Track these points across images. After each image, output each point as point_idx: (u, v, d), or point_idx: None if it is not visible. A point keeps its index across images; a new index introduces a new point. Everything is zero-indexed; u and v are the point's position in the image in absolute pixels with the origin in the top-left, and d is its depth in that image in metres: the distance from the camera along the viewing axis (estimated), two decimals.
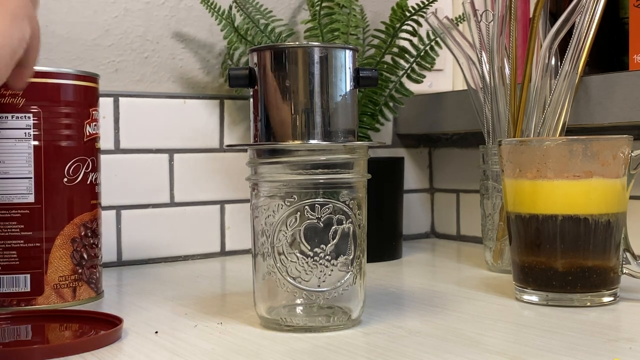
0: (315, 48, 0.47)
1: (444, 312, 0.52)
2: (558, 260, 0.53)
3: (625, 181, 0.54)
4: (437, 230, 0.97)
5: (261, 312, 0.48)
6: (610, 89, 0.67)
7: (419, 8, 0.75)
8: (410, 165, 0.95)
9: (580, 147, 0.52)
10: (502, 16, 0.67)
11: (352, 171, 0.48)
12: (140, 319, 0.52)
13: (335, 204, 0.47)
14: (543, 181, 0.53)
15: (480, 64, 0.69)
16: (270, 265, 0.47)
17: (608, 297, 0.54)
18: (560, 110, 0.65)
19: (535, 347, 0.43)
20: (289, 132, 0.46)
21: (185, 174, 0.80)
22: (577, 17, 0.63)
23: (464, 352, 0.42)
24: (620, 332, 0.47)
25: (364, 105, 0.80)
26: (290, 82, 0.46)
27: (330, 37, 0.79)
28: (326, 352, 0.42)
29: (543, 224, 0.54)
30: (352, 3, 0.81)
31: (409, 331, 0.47)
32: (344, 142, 0.47)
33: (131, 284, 0.66)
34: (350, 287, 0.47)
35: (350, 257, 0.47)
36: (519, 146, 0.55)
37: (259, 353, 0.43)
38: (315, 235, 0.46)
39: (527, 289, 0.55)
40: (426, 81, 0.84)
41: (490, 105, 0.69)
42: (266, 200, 0.47)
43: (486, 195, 0.71)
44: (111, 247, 0.75)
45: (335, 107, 0.47)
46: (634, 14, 0.68)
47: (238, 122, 0.83)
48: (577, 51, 0.64)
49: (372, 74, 0.48)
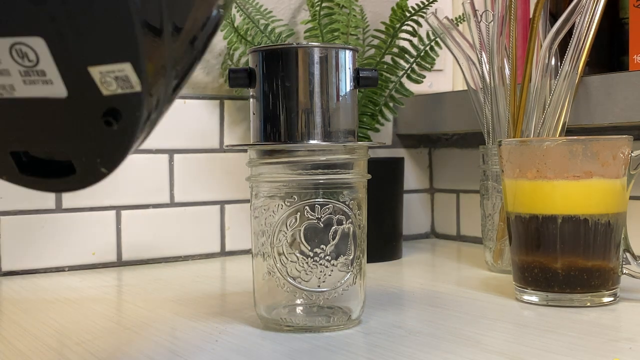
0: (315, 48, 0.47)
1: (444, 312, 0.52)
2: (558, 261, 0.53)
3: (625, 181, 0.54)
4: (437, 231, 0.97)
5: (261, 312, 0.49)
6: (610, 89, 0.67)
7: (419, 8, 0.75)
8: (410, 166, 0.95)
9: (580, 147, 0.52)
10: (502, 16, 0.67)
11: (352, 171, 0.48)
12: (140, 319, 0.52)
13: (335, 204, 0.47)
14: (543, 181, 0.53)
15: (480, 64, 0.69)
16: (270, 266, 0.47)
17: (608, 297, 0.54)
18: (560, 110, 0.65)
19: (535, 347, 0.43)
20: (288, 133, 0.46)
21: (185, 174, 0.80)
22: (577, 17, 0.63)
23: (464, 352, 0.42)
24: (620, 332, 0.47)
25: (364, 105, 0.80)
26: (290, 82, 0.46)
27: (330, 38, 0.79)
28: (326, 352, 0.42)
29: (543, 224, 0.54)
30: (352, 3, 0.81)
31: (409, 331, 0.47)
32: (344, 142, 0.47)
33: (131, 284, 0.66)
34: (350, 287, 0.47)
35: (350, 258, 0.47)
36: (519, 146, 0.55)
37: (259, 353, 0.43)
38: (315, 235, 0.46)
39: (527, 289, 0.55)
40: (426, 81, 0.84)
41: (490, 105, 0.69)
42: (266, 200, 0.47)
43: (486, 195, 0.71)
44: (111, 247, 0.76)
45: (335, 107, 0.47)
46: (634, 14, 0.68)
47: (238, 122, 0.83)
48: (577, 51, 0.64)
49: (372, 74, 0.48)
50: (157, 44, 0.27)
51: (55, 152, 0.30)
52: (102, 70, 0.27)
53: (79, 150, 0.29)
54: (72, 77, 0.27)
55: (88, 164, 0.29)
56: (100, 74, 0.27)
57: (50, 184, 0.30)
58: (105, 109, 0.28)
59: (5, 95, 0.28)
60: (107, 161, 0.29)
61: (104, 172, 0.29)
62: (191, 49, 0.31)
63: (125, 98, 0.27)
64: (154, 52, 0.27)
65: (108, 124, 0.28)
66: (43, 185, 0.30)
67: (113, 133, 0.28)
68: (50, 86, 0.28)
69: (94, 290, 0.63)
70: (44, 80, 0.28)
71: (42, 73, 0.27)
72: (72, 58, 0.27)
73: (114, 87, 0.27)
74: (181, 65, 0.31)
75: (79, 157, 0.29)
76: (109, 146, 0.29)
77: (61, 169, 0.30)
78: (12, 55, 0.27)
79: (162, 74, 0.29)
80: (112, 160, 0.29)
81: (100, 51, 0.27)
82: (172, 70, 0.30)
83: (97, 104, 0.28)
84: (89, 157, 0.29)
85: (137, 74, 0.27)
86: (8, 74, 0.28)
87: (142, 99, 0.27)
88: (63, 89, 0.28)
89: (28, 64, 0.27)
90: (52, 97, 0.28)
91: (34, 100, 0.28)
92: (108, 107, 0.28)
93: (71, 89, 0.28)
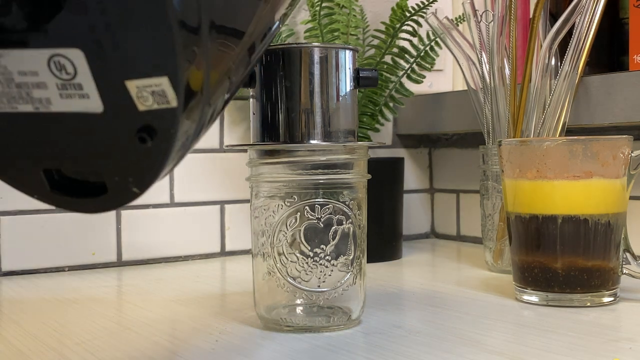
0: (315, 48, 0.47)
1: (444, 312, 0.52)
2: (558, 261, 0.53)
3: (625, 181, 0.54)
4: (437, 231, 0.97)
5: (261, 312, 0.48)
6: (610, 89, 0.67)
7: (419, 8, 0.75)
8: (410, 166, 0.95)
9: (580, 148, 0.52)
10: (502, 16, 0.67)
11: (352, 171, 0.48)
12: (140, 319, 0.52)
13: (335, 204, 0.47)
14: (543, 181, 0.53)
15: (480, 64, 0.69)
16: (270, 266, 0.47)
17: (608, 297, 0.54)
18: (560, 110, 0.65)
19: (535, 347, 0.43)
20: (288, 133, 0.46)
21: (185, 174, 0.80)
22: (577, 17, 0.63)
23: (464, 352, 0.42)
24: (620, 332, 0.47)
25: (364, 105, 0.80)
26: (290, 82, 0.46)
27: (330, 38, 0.79)
28: (326, 352, 0.42)
29: (543, 224, 0.54)
30: (352, 3, 0.81)
31: (409, 331, 0.47)
32: (344, 142, 0.47)
33: (131, 284, 0.66)
34: (350, 287, 0.47)
35: (350, 258, 0.47)
36: (519, 146, 0.55)
37: (259, 353, 0.43)
38: (315, 235, 0.46)
39: (527, 289, 0.55)
40: (426, 81, 0.84)
41: (490, 105, 0.69)
42: (266, 200, 0.47)
43: (486, 195, 0.71)
44: (111, 247, 0.76)
45: (335, 107, 0.47)
46: (634, 14, 0.68)
47: (238, 122, 0.83)
48: (577, 51, 0.64)
49: (372, 74, 0.48)
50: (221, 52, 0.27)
51: (88, 171, 0.29)
52: (138, 84, 0.26)
53: (111, 169, 0.28)
54: (109, 92, 0.27)
55: (120, 184, 0.28)
56: (137, 88, 0.26)
57: (81, 204, 0.30)
58: (140, 125, 0.27)
59: (42, 109, 0.28)
60: (139, 181, 0.28)
61: (136, 192, 0.28)
62: (247, 59, 0.30)
63: (160, 114, 0.27)
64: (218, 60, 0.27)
65: (142, 141, 0.27)
66: (74, 205, 0.30)
67: (146, 151, 0.27)
68: (86, 100, 0.27)
69: (94, 290, 0.63)
70: (81, 95, 0.27)
71: (79, 87, 0.27)
72: (109, 71, 0.26)
73: (150, 102, 0.27)
74: (236, 77, 0.30)
75: (111, 176, 0.28)
76: (141, 165, 0.28)
77: (93, 189, 0.29)
78: (50, 68, 0.27)
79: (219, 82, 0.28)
80: (145, 180, 0.28)
81: (138, 64, 0.26)
82: (226, 80, 0.29)
83: (132, 119, 0.27)
84: (122, 176, 0.28)
85: (174, 89, 0.26)
86: (45, 87, 0.27)
87: (177, 115, 0.27)
88: (99, 103, 0.27)
89: (66, 77, 0.27)
90: (87, 112, 0.27)
91: (69, 115, 0.28)
92: (143, 124, 0.27)
93: (107, 103, 0.27)
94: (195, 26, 0.26)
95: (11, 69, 0.27)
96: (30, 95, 0.28)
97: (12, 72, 0.27)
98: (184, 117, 0.27)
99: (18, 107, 0.28)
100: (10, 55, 0.27)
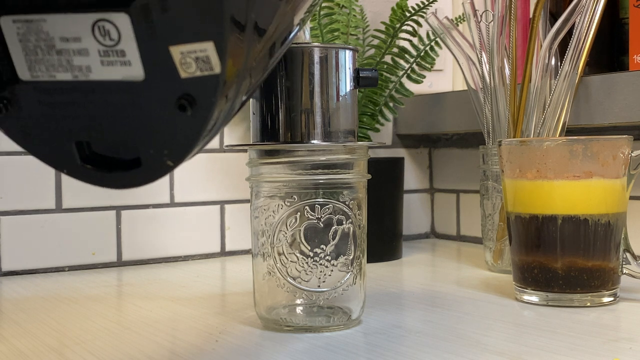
0: (315, 48, 0.47)
1: (444, 312, 0.52)
2: (558, 261, 0.53)
3: (625, 181, 0.54)
4: (437, 231, 0.97)
5: (261, 312, 0.48)
6: (610, 89, 0.67)
7: (419, 8, 0.75)
8: (410, 166, 0.95)
9: (580, 148, 0.52)
10: (502, 16, 0.67)
11: (352, 171, 0.48)
12: (140, 319, 0.52)
13: (335, 204, 0.47)
14: (543, 181, 0.53)
15: (480, 64, 0.69)
16: (270, 266, 0.47)
17: (608, 297, 0.54)
18: (560, 110, 0.65)
19: (535, 347, 0.43)
20: (289, 132, 0.46)
21: (185, 174, 0.80)
22: (577, 17, 0.63)
23: (464, 352, 0.42)
24: (620, 332, 0.47)
25: (364, 105, 0.80)
26: (290, 82, 0.46)
27: (330, 38, 0.79)
28: (326, 352, 0.42)
29: (543, 224, 0.54)
30: (352, 3, 0.81)
31: (409, 331, 0.47)
32: (344, 142, 0.47)
33: (131, 284, 0.66)
34: (350, 287, 0.47)
35: (350, 258, 0.47)
36: (519, 146, 0.55)
37: (259, 353, 0.43)
38: (315, 235, 0.46)
39: (527, 289, 0.55)
40: (426, 81, 0.84)
41: (490, 105, 0.69)
42: (266, 200, 0.47)
43: (486, 195, 0.71)
44: (111, 247, 0.76)
45: (335, 107, 0.47)
46: (634, 14, 0.68)
47: (238, 122, 0.83)
48: (577, 51, 0.64)
49: (372, 74, 0.48)
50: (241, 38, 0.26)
51: (122, 143, 0.28)
52: (183, 50, 0.26)
53: (147, 141, 0.27)
54: (152, 58, 0.26)
55: (155, 156, 0.27)
56: (181, 54, 0.26)
57: (112, 179, 0.29)
58: (180, 93, 0.26)
59: (81, 77, 0.27)
60: (174, 153, 0.27)
61: (170, 165, 0.28)
62: (267, 60, 0.30)
63: (202, 81, 0.26)
64: (236, 47, 0.26)
65: (182, 109, 0.26)
66: (104, 179, 0.29)
67: (185, 120, 0.26)
68: (127, 68, 0.26)
69: (94, 290, 0.63)
70: (123, 62, 0.26)
71: (122, 53, 0.26)
72: (155, 36, 0.26)
73: (192, 68, 0.26)
74: (254, 77, 0.29)
75: (146, 148, 0.27)
76: (179, 136, 0.27)
77: (124, 163, 0.28)
78: (94, 33, 0.26)
79: (240, 76, 0.27)
80: (180, 152, 0.27)
81: (186, 29, 0.25)
82: (248, 78, 0.28)
83: (173, 87, 0.26)
84: (157, 149, 0.27)
85: (219, 54, 0.25)
86: (87, 54, 0.27)
87: (219, 82, 0.26)
88: (141, 70, 0.26)
89: (109, 42, 0.26)
90: (127, 80, 0.27)
91: (108, 83, 0.27)
92: (183, 92, 0.26)
93: (148, 70, 0.26)
94: (242, 4, 0.26)
95: (53, 35, 0.26)
96: (70, 63, 0.27)
97: (53, 38, 0.26)
98: (224, 88, 0.27)
99: (56, 76, 0.27)
100: (54, 19, 0.26)
